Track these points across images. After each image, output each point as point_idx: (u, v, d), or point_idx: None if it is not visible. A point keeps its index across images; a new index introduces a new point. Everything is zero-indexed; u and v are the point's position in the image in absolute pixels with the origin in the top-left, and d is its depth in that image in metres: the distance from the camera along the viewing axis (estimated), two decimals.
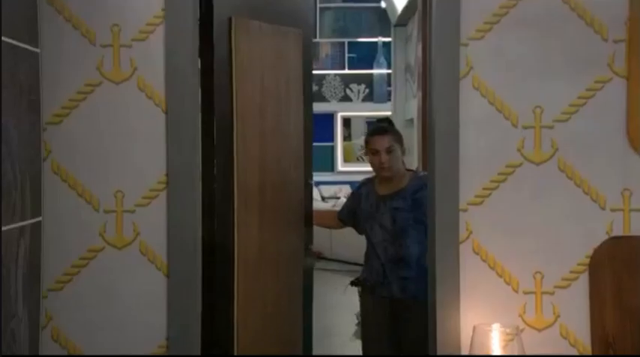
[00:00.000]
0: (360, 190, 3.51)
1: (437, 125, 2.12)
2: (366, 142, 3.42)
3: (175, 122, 2.11)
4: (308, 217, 3.18)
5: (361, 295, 3.46)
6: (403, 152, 3.39)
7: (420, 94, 5.37)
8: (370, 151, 3.35)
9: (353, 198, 3.58)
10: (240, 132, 2.66)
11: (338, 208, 3.72)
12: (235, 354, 2.62)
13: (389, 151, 3.28)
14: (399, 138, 3.36)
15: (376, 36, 11.00)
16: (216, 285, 2.54)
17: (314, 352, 3.28)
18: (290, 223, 3.04)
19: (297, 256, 3.10)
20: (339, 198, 8.83)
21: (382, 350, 3.36)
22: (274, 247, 2.89)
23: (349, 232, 3.65)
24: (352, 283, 3.43)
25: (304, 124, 3.09)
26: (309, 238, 3.18)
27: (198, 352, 2.15)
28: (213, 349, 2.47)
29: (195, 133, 2.14)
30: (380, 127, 3.40)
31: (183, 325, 2.11)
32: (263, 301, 2.82)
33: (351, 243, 4.54)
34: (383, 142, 3.30)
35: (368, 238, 3.38)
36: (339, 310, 4.80)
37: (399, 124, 3.64)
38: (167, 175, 2.12)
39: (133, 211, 2.14)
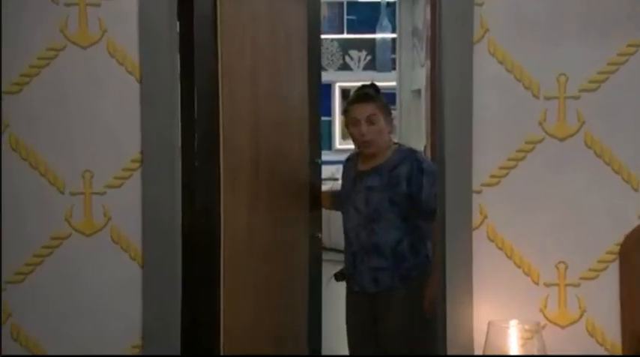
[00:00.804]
0: (346, 164, 3.49)
1: (447, 97, 2.12)
2: (345, 110, 3.36)
3: (151, 92, 2.11)
4: (315, 201, 3.16)
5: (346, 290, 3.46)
6: (390, 124, 3.33)
7: (428, 61, 5.36)
8: (350, 122, 3.29)
9: (342, 174, 3.59)
10: (226, 103, 2.66)
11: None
12: (221, 354, 2.64)
13: (371, 121, 3.21)
14: (384, 107, 3.30)
15: None
16: (199, 277, 2.55)
17: (323, 351, 3.32)
18: (290, 208, 3.04)
19: (300, 245, 3.10)
20: (336, 179, 8.75)
21: (363, 351, 3.35)
22: (270, 234, 2.90)
23: None
24: (336, 277, 3.40)
25: (310, 94, 3.07)
26: (316, 225, 3.18)
27: (178, 353, 2.17)
28: (195, 348, 2.50)
29: (173, 104, 2.14)
30: (361, 94, 3.32)
31: (161, 323, 2.12)
32: (255, 296, 2.84)
33: None
34: (364, 110, 3.23)
35: (343, 224, 3.34)
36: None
37: (404, 96, 3.61)
38: (142, 152, 2.12)
39: (103, 194, 2.15)
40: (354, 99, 3.34)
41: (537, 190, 2.13)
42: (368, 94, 3.33)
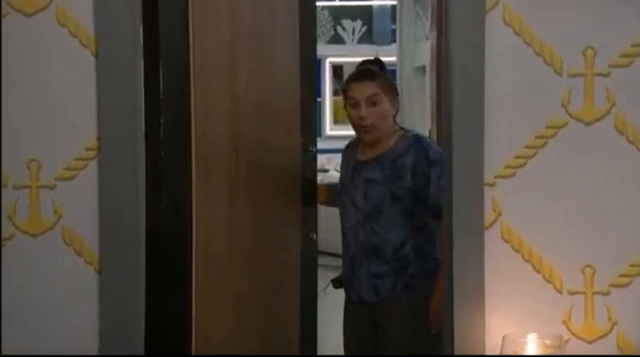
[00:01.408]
0: (344, 153, 3.39)
1: (456, 74, 2.09)
2: (344, 90, 3.29)
3: (109, 69, 2.09)
4: (309, 195, 3.13)
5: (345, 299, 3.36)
6: (395, 107, 3.26)
7: (434, 33, 5.32)
8: (348, 103, 3.17)
9: (340, 164, 3.48)
10: (199, 81, 2.62)
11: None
12: None
13: (372, 102, 3.08)
14: (389, 86, 3.17)
15: None
16: (167, 284, 2.51)
17: None
18: (279, 204, 3.01)
19: (291, 247, 3.06)
20: (327, 171, 8.71)
21: None
22: (253, 234, 2.87)
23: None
24: (334, 284, 3.31)
25: (303, 70, 3.03)
26: (310, 223, 3.14)
27: None
28: None
29: (135, 83, 2.13)
30: (363, 71, 3.20)
31: (121, 337, 2.11)
32: (235, 306, 2.81)
33: None
34: (364, 89, 3.10)
35: (341, 222, 3.26)
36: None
37: (407, 73, 3.53)
38: (98, 139, 2.10)
39: (52, 187, 2.13)
40: (354, 76, 3.24)
41: (559, 183, 2.11)
42: (370, 70, 3.23)
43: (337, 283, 3.22)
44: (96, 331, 2.12)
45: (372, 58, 3.27)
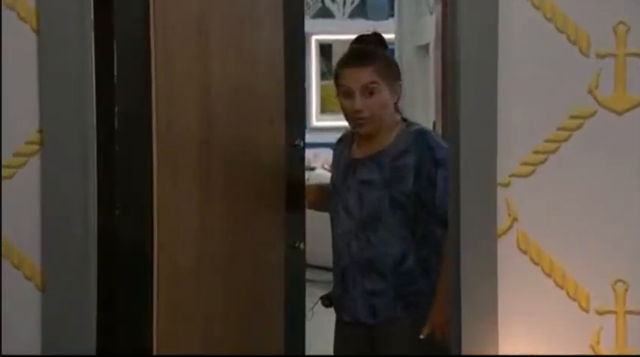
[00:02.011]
0: (336, 148, 3.36)
1: (464, 54, 2.07)
2: (335, 76, 3.22)
3: (53, 48, 2.05)
4: (295, 197, 3.14)
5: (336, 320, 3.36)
6: (396, 94, 3.17)
7: (439, 6, 5.32)
8: (341, 91, 3.15)
9: (332, 161, 3.47)
10: (162, 63, 2.58)
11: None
12: None
13: (368, 91, 3.03)
14: (388, 70, 3.12)
15: None
16: (123, 303, 2.49)
17: None
18: (258, 207, 3.01)
19: (273, 257, 3.06)
20: (314, 169, 8.69)
21: None
22: (229, 243, 2.86)
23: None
24: (324, 302, 3.29)
25: (287, 51, 3.04)
26: (296, 230, 3.17)
27: None
28: None
29: (84, 65, 2.08)
30: (356, 53, 3.16)
31: None
32: (207, 326, 2.78)
33: None
34: (359, 76, 3.04)
35: (332, 230, 3.23)
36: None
37: (406, 54, 3.44)
38: (40, 131, 2.07)
39: None
40: (347, 59, 3.16)
41: (585, 183, 2.08)
42: (365, 52, 3.15)
43: (327, 300, 3.20)
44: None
45: (368, 33, 3.20)
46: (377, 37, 3.19)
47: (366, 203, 3.04)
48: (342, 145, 3.24)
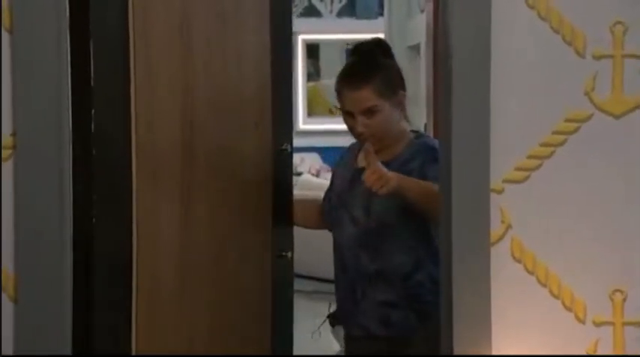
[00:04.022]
0: (343, 156, 3.39)
1: (456, 55, 2.06)
2: (337, 92, 3.22)
3: (27, 47, 2.02)
4: (282, 204, 3.11)
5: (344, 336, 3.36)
6: (400, 106, 3.15)
7: (430, 5, 5.31)
8: (342, 109, 3.17)
9: (333, 173, 3.48)
10: (142, 62, 2.55)
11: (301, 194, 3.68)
12: None
13: (369, 112, 3.05)
14: (390, 83, 3.11)
15: None
16: (100, 318, 2.44)
17: None
18: (244, 215, 2.98)
19: (259, 266, 3.03)
20: (300, 174, 8.61)
21: None
22: (212, 253, 2.82)
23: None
24: (331, 320, 3.31)
25: (275, 48, 3.00)
26: (284, 239, 3.11)
27: None
28: None
29: (60, 65, 2.05)
30: (355, 69, 3.16)
31: None
32: (188, 349, 2.74)
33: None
34: (357, 99, 3.04)
35: (334, 239, 3.24)
36: None
37: (397, 54, 3.39)
38: (14, 134, 2.03)
39: None
40: (344, 78, 3.18)
41: (582, 189, 2.07)
42: (362, 71, 3.15)
43: (333, 319, 3.26)
44: None
45: (370, 37, 3.22)
46: (379, 45, 3.21)
47: (374, 213, 3.06)
48: (350, 154, 3.26)
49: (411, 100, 3.33)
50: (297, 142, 4.13)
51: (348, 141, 3.38)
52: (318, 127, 10.30)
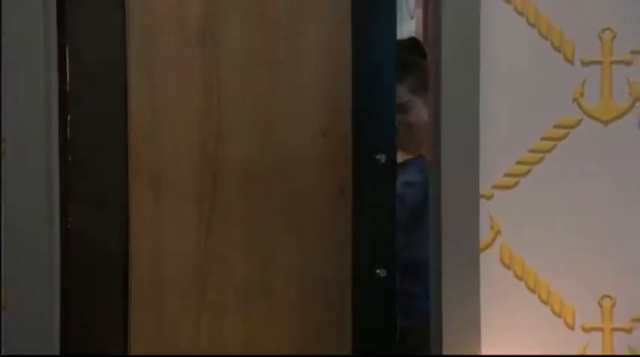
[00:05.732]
0: None
1: (445, 61, 2.06)
2: None
3: (14, 45, 2.03)
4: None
5: None
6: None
7: (420, 10, 5.30)
8: None
9: None
10: (137, 56, 2.37)
11: None
12: None
13: (403, 108, 3.07)
14: (421, 82, 3.07)
15: None
16: (94, 331, 2.36)
17: None
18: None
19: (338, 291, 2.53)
20: None
21: None
22: (249, 269, 2.43)
23: None
24: None
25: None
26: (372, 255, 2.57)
27: None
28: None
29: (48, 70, 2.06)
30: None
31: None
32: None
33: None
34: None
35: None
36: None
37: None
38: (1, 139, 2.05)
39: None
40: None
41: (571, 195, 2.08)
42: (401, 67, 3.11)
43: None
44: None
45: (404, 38, 3.28)
46: (413, 44, 3.27)
47: (407, 205, 3.10)
48: None
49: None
50: None
51: None
52: None
